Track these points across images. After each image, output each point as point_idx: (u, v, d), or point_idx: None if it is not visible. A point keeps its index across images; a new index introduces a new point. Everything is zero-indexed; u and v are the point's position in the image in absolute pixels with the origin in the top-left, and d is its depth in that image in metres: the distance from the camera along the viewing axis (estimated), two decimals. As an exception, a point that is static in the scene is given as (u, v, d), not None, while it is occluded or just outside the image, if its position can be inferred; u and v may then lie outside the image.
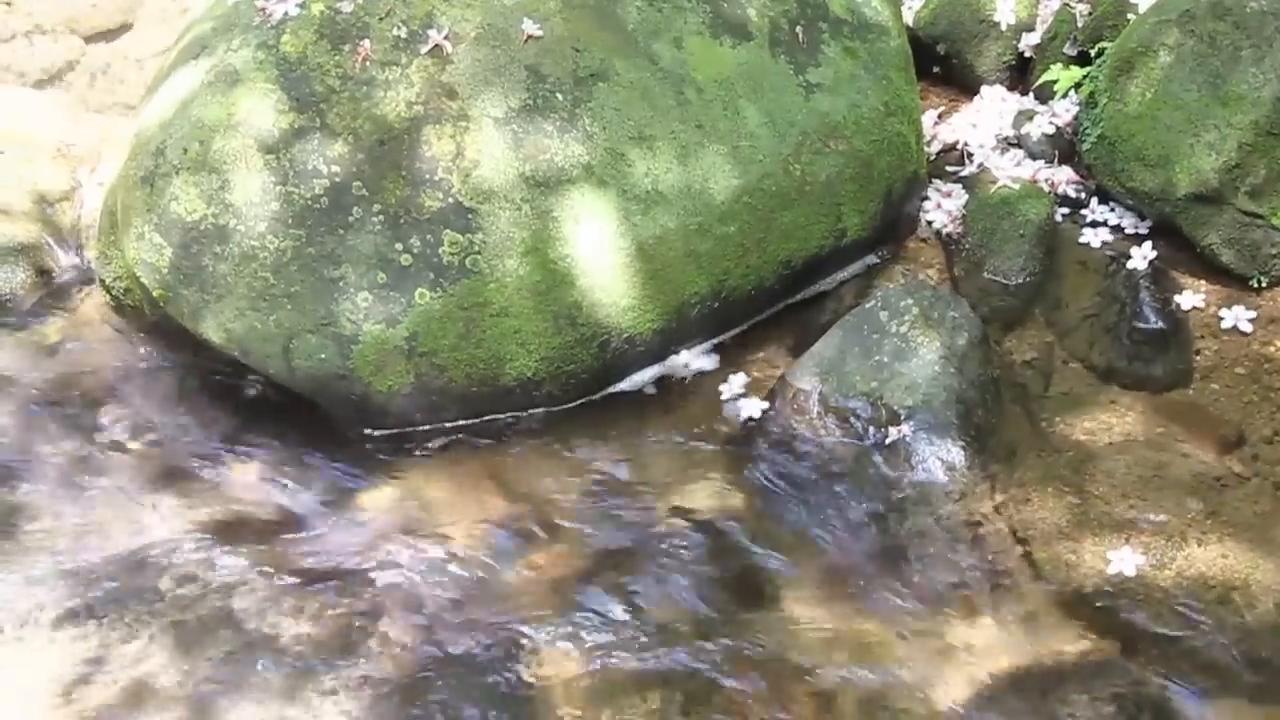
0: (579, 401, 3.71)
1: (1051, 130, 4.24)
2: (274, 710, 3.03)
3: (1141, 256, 3.90)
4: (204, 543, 3.38)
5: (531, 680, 3.08)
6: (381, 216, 3.50)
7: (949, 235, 4.09)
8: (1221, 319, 3.78)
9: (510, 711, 3.03)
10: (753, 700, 3.04)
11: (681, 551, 3.36)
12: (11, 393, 3.76)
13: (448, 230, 3.50)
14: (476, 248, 3.51)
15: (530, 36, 3.60)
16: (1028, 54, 4.48)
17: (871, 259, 4.04)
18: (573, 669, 3.10)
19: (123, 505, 3.48)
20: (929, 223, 4.14)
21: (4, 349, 3.88)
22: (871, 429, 3.52)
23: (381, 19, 3.60)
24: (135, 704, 3.04)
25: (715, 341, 3.84)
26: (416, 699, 3.05)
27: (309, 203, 3.50)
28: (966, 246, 4.03)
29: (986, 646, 3.12)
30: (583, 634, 3.17)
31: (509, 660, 3.12)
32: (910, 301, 3.66)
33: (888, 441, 3.49)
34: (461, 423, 3.64)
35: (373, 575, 3.31)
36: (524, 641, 3.16)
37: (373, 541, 3.38)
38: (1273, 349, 3.70)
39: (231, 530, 3.42)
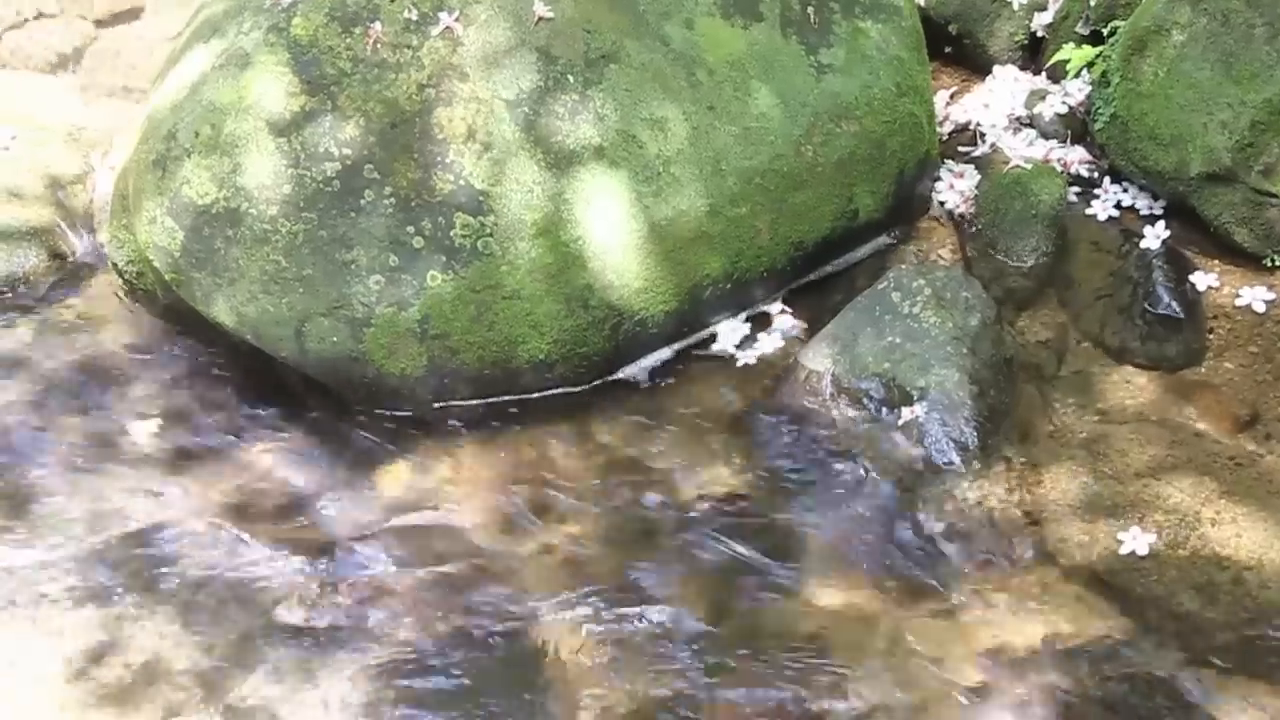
0: (591, 384, 3.71)
1: (1064, 110, 4.23)
2: (287, 687, 3.04)
3: (1155, 236, 3.89)
4: (216, 522, 3.39)
5: (543, 659, 3.09)
6: (393, 199, 3.50)
7: (961, 216, 4.08)
8: (1235, 298, 3.77)
9: (522, 690, 3.04)
10: (766, 679, 3.05)
11: (693, 532, 3.36)
12: (27, 375, 3.77)
13: (459, 213, 3.51)
14: (488, 230, 3.51)
15: (541, 18, 3.60)
16: (1040, 33, 4.46)
17: (884, 240, 4.04)
18: (584, 648, 3.11)
19: (135, 486, 3.49)
20: (941, 203, 4.13)
21: (19, 332, 3.90)
22: (884, 410, 3.52)
23: (392, 1, 3.60)
24: (149, 682, 3.06)
25: (728, 324, 3.84)
26: (427, 677, 3.06)
27: (321, 185, 3.50)
28: (979, 227, 4.03)
29: (999, 626, 3.12)
30: (594, 614, 3.18)
31: (520, 639, 3.13)
32: (923, 282, 3.65)
33: (901, 422, 3.48)
34: (474, 405, 3.64)
35: (384, 556, 3.32)
36: (535, 621, 3.17)
37: (385, 522, 3.39)
38: (1287, 328, 3.71)
39: (243, 510, 3.43)
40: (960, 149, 4.27)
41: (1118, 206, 4.04)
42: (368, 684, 3.05)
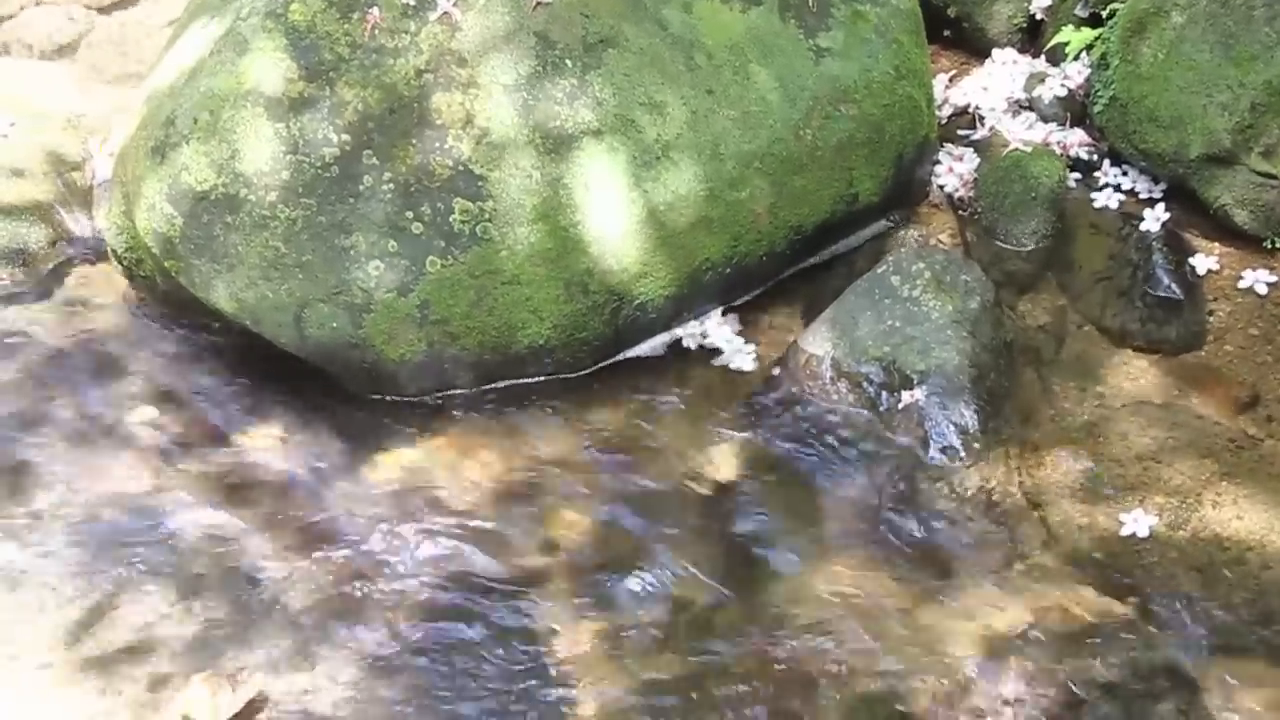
0: (591, 368, 3.71)
1: (1063, 93, 4.22)
2: (283, 670, 3.05)
3: (1154, 219, 3.89)
4: (214, 507, 3.39)
5: (541, 646, 3.09)
6: (392, 185, 3.50)
7: (961, 199, 4.08)
8: (1236, 280, 3.77)
9: (518, 677, 3.04)
10: (766, 665, 3.05)
11: (693, 517, 3.36)
12: (26, 357, 3.77)
13: (458, 198, 3.50)
14: (487, 215, 3.51)
15: (539, 3, 3.59)
16: (1039, 16, 4.46)
17: (883, 224, 4.04)
18: (582, 634, 3.11)
19: (133, 468, 3.49)
20: (940, 187, 4.13)
21: (20, 315, 3.90)
22: (884, 394, 3.52)
23: (390, -14, 3.60)
24: (144, 659, 3.06)
25: (727, 308, 3.83)
26: (422, 662, 3.06)
27: (319, 171, 3.50)
28: (978, 210, 4.03)
29: (1000, 610, 3.13)
30: (593, 599, 3.18)
31: (518, 625, 3.13)
32: (922, 265, 3.65)
33: (901, 406, 3.48)
34: (474, 390, 3.64)
35: (382, 540, 3.31)
36: (533, 606, 3.16)
37: (383, 507, 3.39)
38: (1287, 310, 3.70)
39: (241, 495, 3.42)
40: (959, 132, 4.27)
41: (1118, 189, 4.04)
42: (363, 668, 3.05)
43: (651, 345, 3.75)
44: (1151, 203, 3.95)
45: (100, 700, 2.99)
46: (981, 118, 4.27)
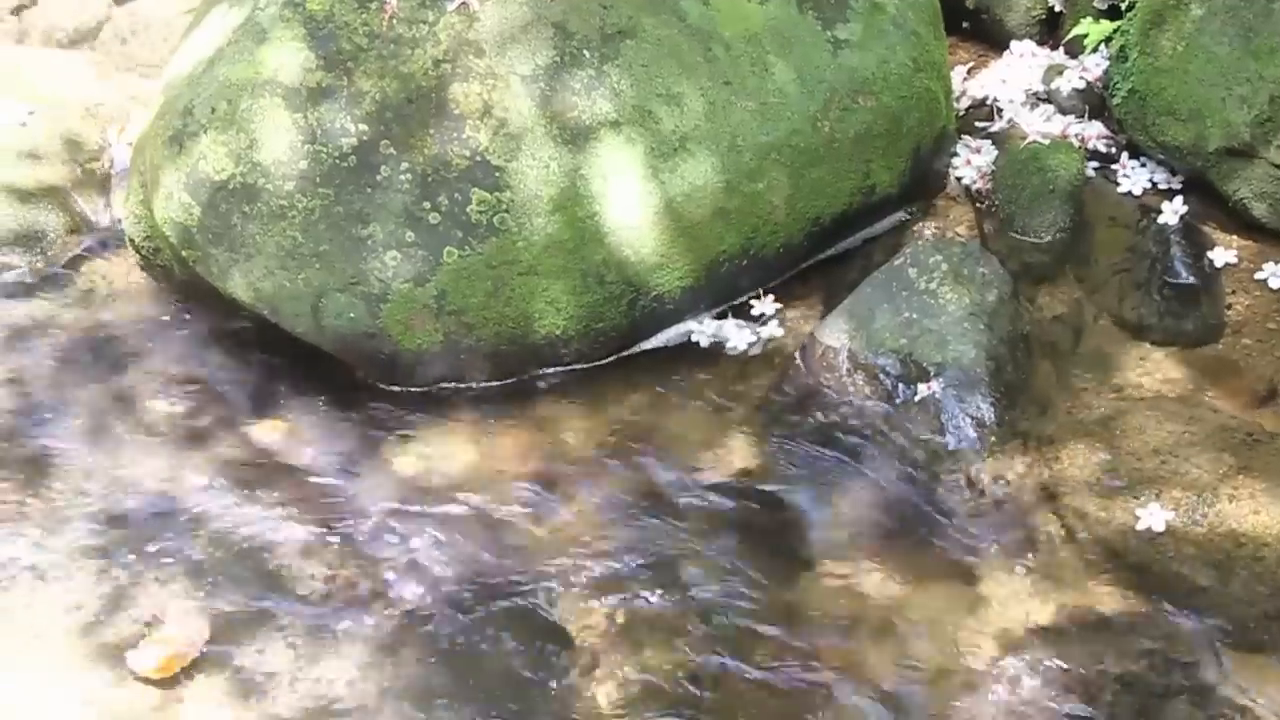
0: (608, 359, 3.71)
1: (1082, 85, 4.21)
2: (299, 658, 3.06)
3: (1173, 211, 3.88)
4: (230, 494, 3.40)
5: (556, 638, 3.10)
6: (409, 175, 3.50)
7: (978, 191, 4.07)
8: (1253, 274, 3.76)
9: (533, 669, 3.04)
10: (781, 655, 3.05)
11: (709, 509, 3.37)
12: (45, 345, 3.78)
13: (476, 188, 3.50)
14: (504, 206, 3.51)
15: (557, -7, 3.60)
16: (1058, 8, 4.45)
17: (900, 216, 4.03)
18: (598, 626, 3.12)
19: (151, 457, 3.50)
20: (958, 179, 4.12)
21: (38, 302, 3.91)
22: (901, 386, 3.51)
23: (408, -24, 3.60)
24: (154, 648, 3.08)
25: (744, 299, 3.83)
26: (437, 650, 3.07)
27: (337, 161, 3.50)
28: (996, 203, 4.02)
29: (1016, 603, 3.13)
30: (609, 590, 3.18)
31: (532, 616, 3.14)
32: (940, 258, 3.65)
33: (917, 399, 3.48)
34: (490, 381, 3.64)
35: (397, 529, 3.32)
36: (547, 596, 3.17)
37: (398, 496, 3.39)
38: (1305, 304, 3.69)
39: (258, 483, 3.43)
40: (977, 124, 4.25)
41: (1136, 182, 4.02)
42: (376, 653, 3.06)
43: (668, 336, 3.75)
44: (1170, 195, 3.94)
45: (113, 687, 3.01)
46: (999, 110, 4.26)
